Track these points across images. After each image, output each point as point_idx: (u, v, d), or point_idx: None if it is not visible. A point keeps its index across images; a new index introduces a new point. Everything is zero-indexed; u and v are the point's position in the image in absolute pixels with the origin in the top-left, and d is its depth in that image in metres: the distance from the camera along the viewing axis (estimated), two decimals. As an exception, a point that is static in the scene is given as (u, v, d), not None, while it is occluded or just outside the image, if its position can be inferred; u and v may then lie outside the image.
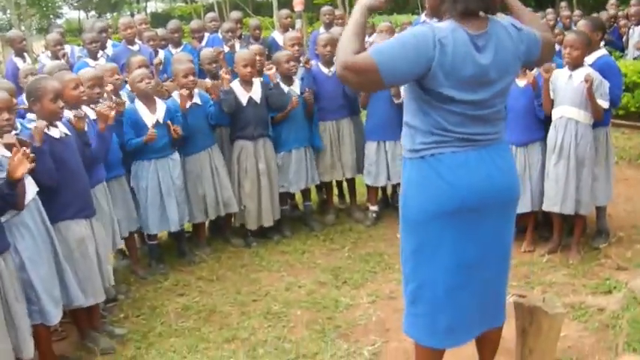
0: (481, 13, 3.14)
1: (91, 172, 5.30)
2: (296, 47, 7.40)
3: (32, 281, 4.44)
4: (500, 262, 3.48)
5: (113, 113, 5.38)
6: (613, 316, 4.80)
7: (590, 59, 6.04)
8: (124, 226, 6.09)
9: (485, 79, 3.10)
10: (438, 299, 3.33)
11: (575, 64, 5.85)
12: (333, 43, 7.03)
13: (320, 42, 7.36)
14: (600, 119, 5.91)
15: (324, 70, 7.30)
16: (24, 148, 4.06)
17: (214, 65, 7.31)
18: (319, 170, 7.39)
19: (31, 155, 4.09)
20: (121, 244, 6.13)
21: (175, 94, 6.53)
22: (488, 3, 3.13)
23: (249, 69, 6.78)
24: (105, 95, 5.94)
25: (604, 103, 5.82)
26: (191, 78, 6.50)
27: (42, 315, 4.52)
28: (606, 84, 5.83)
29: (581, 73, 5.80)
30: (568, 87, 5.88)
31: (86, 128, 5.21)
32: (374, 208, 7.37)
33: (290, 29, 10.15)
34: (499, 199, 3.29)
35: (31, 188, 4.45)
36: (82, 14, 45.89)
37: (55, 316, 4.59)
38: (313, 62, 7.42)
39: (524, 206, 6.02)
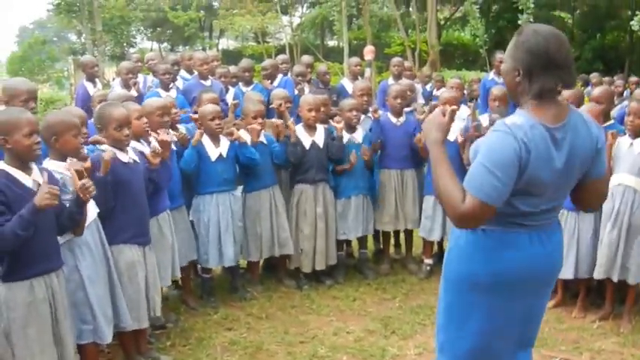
0: (560, 98, 3.10)
1: (156, 200, 5.42)
2: (365, 98, 7.49)
3: (90, 300, 4.54)
4: (529, 334, 3.46)
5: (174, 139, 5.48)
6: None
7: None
8: (182, 255, 6.14)
9: (557, 175, 3.06)
10: (461, 357, 3.35)
11: (638, 133, 5.82)
12: (403, 95, 7.12)
13: (391, 93, 7.37)
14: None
15: (393, 119, 7.33)
16: (85, 181, 4.18)
17: (288, 105, 7.35)
18: (383, 219, 7.39)
19: (92, 185, 4.21)
20: (179, 274, 6.16)
21: (243, 132, 6.63)
22: (564, 78, 3.06)
23: (313, 113, 6.88)
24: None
25: None
26: (260, 120, 6.65)
27: (95, 333, 4.60)
28: None
29: None
30: (629, 155, 5.83)
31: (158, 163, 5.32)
32: (428, 261, 7.36)
33: (359, 77, 10.25)
34: (538, 280, 3.27)
35: (91, 210, 4.55)
36: (155, 45, 46.85)
37: (107, 335, 4.67)
38: (381, 112, 7.46)
39: (568, 272, 5.99)
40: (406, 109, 7.49)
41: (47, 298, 4.11)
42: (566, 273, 5.98)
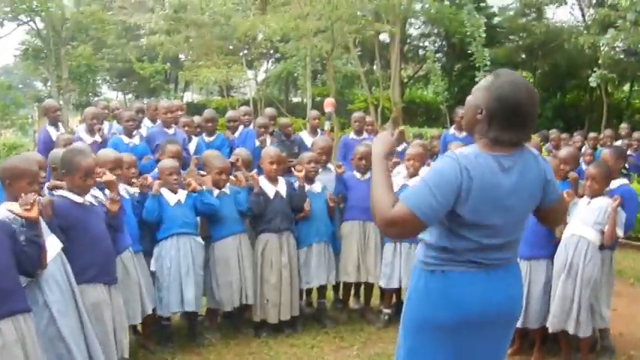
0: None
1: (117, 240, 5.47)
2: (323, 157, 7.65)
3: (62, 333, 4.54)
4: None
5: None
6: None
7: (611, 186, 6.19)
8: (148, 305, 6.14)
9: (506, 203, 3.14)
10: None
11: (594, 196, 6.02)
12: (367, 156, 7.22)
13: (356, 154, 7.53)
14: (611, 244, 6.03)
15: (357, 175, 7.50)
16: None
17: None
18: (346, 270, 7.44)
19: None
20: (148, 312, 6.14)
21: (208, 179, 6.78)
22: (520, 137, 3.18)
23: (274, 166, 7.01)
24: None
25: (620, 232, 5.95)
26: (224, 177, 6.80)
27: None
28: (623, 215, 5.98)
29: (599, 202, 5.97)
30: (587, 210, 6.02)
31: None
32: (387, 310, 7.39)
33: (319, 130, 10.41)
34: (500, 320, 3.32)
35: (53, 244, 4.61)
36: (120, 95, 46.83)
37: None
38: (344, 167, 7.58)
39: (519, 322, 6.02)
40: None
41: (18, 341, 4.10)
42: (519, 323, 6.01)
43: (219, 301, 6.78)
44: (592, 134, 13.73)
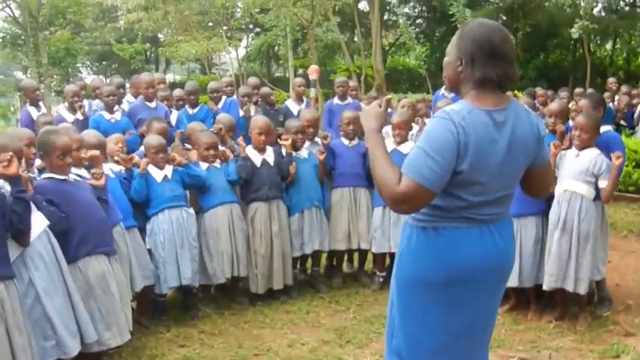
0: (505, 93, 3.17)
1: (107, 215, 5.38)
2: (311, 129, 7.58)
3: (48, 312, 4.48)
4: (486, 330, 3.45)
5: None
6: (621, 378, 4.73)
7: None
8: (138, 276, 6.04)
9: (501, 159, 3.08)
10: (420, 357, 3.32)
11: (583, 147, 5.93)
12: (355, 121, 7.18)
13: (344, 120, 7.47)
14: (607, 201, 5.98)
15: (345, 142, 7.45)
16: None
17: (230, 134, 7.44)
18: (336, 238, 7.39)
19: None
20: (140, 288, 6.06)
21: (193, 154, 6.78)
22: (506, 70, 3.12)
23: (263, 137, 6.94)
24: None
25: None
26: (212, 152, 6.73)
27: (59, 347, 4.54)
28: (619, 173, 5.92)
29: (588, 153, 5.89)
30: (575, 164, 5.94)
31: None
32: (381, 274, 7.36)
33: (304, 98, 10.34)
34: (492, 276, 3.27)
35: (39, 221, 4.52)
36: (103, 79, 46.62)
37: (72, 348, 4.61)
38: (329, 137, 7.49)
39: (512, 280, 5.93)
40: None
41: None
42: (511, 281, 5.84)
43: (212, 273, 6.68)
44: (578, 90, 13.74)
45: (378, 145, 3.16)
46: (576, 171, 5.91)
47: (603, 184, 5.82)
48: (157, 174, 6.37)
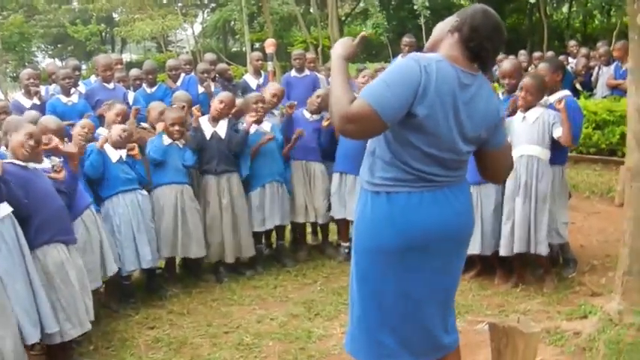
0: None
1: (75, 201, 5.36)
2: (275, 100, 7.58)
3: (8, 295, 4.39)
4: (447, 295, 3.46)
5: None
6: (589, 339, 4.78)
7: (552, 99, 6.14)
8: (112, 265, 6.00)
9: (457, 115, 3.10)
10: (381, 326, 3.34)
11: (528, 107, 5.99)
12: (325, 98, 7.16)
13: (316, 93, 7.57)
14: (571, 144, 6.03)
15: (307, 115, 7.47)
16: None
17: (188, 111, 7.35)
18: (295, 211, 7.43)
19: None
20: (113, 272, 6.01)
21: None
22: (486, 45, 3.19)
23: (222, 105, 6.91)
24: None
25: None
26: (177, 128, 6.65)
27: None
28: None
29: (533, 114, 5.95)
30: (523, 127, 5.99)
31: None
32: (345, 244, 7.37)
33: (261, 72, 10.31)
34: (450, 240, 3.29)
35: (3, 206, 4.49)
36: (58, 62, 45.98)
37: (31, 335, 4.53)
38: (295, 103, 7.54)
39: (474, 247, 6.00)
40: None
41: None
42: (473, 248, 5.92)
43: (159, 247, 6.63)
44: (537, 54, 13.88)
45: (342, 71, 3.20)
46: (527, 134, 5.97)
47: (558, 132, 5.87)
48: (112, 154, 6.28)
